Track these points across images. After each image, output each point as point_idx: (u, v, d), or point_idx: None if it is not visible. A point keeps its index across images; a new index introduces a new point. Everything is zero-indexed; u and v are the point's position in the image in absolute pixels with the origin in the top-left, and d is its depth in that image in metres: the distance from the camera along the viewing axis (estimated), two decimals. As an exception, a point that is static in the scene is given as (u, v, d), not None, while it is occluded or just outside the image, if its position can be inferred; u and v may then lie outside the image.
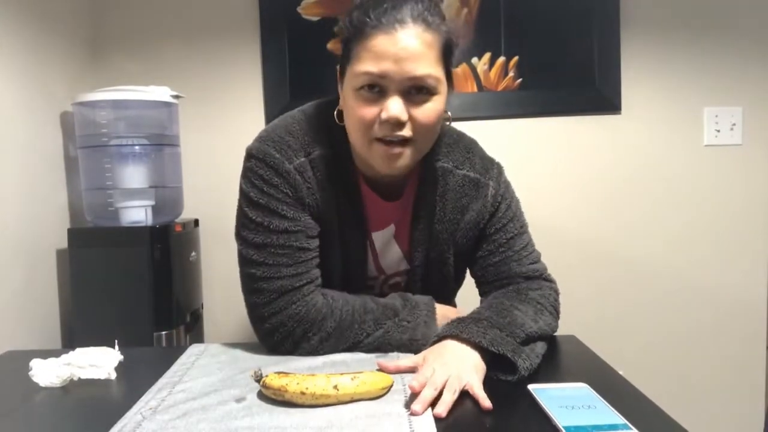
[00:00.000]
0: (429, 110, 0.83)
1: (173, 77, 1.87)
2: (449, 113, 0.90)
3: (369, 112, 0.82)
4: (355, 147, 0.89)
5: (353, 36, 0.82)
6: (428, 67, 0.80)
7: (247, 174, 0.90)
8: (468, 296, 1.11)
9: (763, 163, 1.90)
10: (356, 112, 0.83)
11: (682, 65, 1.88)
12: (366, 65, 0.80)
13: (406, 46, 0.79)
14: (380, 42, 0.79)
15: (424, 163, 0.94)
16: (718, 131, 1.89)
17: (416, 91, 0.81)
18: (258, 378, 0.72)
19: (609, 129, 1.90)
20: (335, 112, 0.90)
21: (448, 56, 0.85)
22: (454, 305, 1.10)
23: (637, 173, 1.91)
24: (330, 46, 1.89)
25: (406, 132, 0.82)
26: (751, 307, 1.92)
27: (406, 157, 0.85)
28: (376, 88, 0.81)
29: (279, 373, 0.72)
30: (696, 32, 1.87)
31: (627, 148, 1.91)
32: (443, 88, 0.84)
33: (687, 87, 1.89)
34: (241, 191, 0.91)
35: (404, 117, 0.81)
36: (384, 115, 0.80)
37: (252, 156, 0.90)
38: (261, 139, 0.91)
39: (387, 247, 0.99)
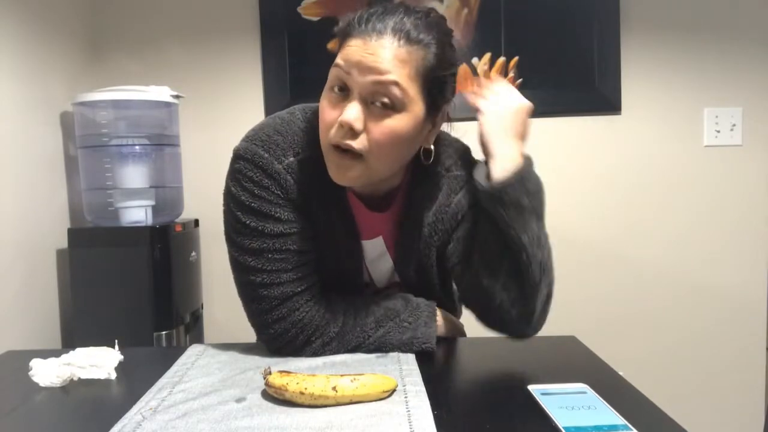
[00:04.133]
0: (387, 127, 0.78)
1: (173, 77, 1.87)
2: (432, 147, 0.87)
3: (331, 113, 0.80)
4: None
5: (340, 40, 0.82)
6: (393, 82, 0.76)
7: (236, 176, 0.87)
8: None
9: (763, 163, 1.90)
10: (322, 111, 0.82)
11: (682, 65, 1.88)
12: (338, 60, 0.80)
13: (375, 53, 0.76)
14: (354, 44, 0.78)
15: (415, 172, 0.92)
16: (718, 132, 1.89)
17: (381, 103, 0.77)
18: (265, 375, 0.72)
19: (609, 129, 1.91)
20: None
21: (429, 80, 0.80)
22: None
23: (637, 174, 1.91)
24: (330, 46, 1.88)
25: (358, 144, 0.78)
26: (751, 307, 1.92)
27: (355, 171, 0.81)
28: (345, 92, 0.79)
29: (282, 372, 0.72)
30: (696, 33, 1.87)
31: (627, 148, 1.91)
32: (415, 108, 0.79)
33: (687, 87, 1.89)
34: (231, 194, 0.88)
35: (357, 125, 0.77)
36: (340, 118, 0.78)
37: (240, 157, 0.87)
38: (248, 138, 0.88)
39: (378, 260, 0.98)
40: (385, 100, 0.77)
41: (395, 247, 0.96)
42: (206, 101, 1.92)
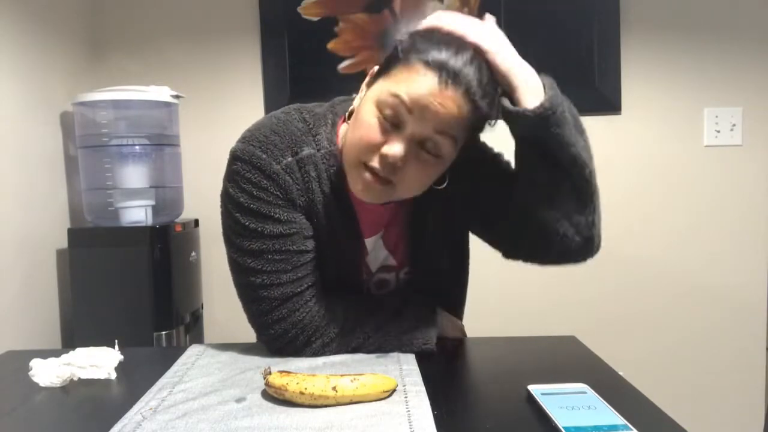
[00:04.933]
0: (426, 171, 0.81)
1: (173, 77, 1.87)
2: (447, 178, 0.87)
3: (374, 136, 0.78)
4: (344, 154, 0.85)
5: (408, 53, 0.78)
6: (450, 136, 0.78)
7: (234, 177, 0.86)
8: (469, 302, 1.11)
9: (763, 163, 1.90)
10: (363, 128, 0.79)
11: (682, 65, 1.88)
12: (401, 90, 0.77)
13: (446, 104, 0.75)
14: (428, 81, 0.75)
15: None
16: (718, 132, 1.89)
17: (429, 150, 0.78)
18: (265, 375, 0.72)
19: (609, 129, 1.91)
20: (348, 111, 0.87)
21: (474, 131, 0.83)
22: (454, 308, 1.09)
23: (637, 174, 1.91)
24: (330, 46, 1.89)
25: (394, 177, 0.79)
26: (751, 307, 1.92)
27: (382, 194, 0.82)
28: (393, 119, 0.77)
29: (282, 372, 0.73)
30: (696, 32, 1.88)
31: (627, 148, 1.91)
32: (453, 154, 0.81)
33: (687, 87, 1.89)
34: (229, 196, 0.87)
35: (401, 164, 0.78)
36: (384, 150, 0.77)
37: (237, 158, 0.86)
38: (245, 139, 0.87)
39: (375, 248, 0.98)
40: (435, 150, 0.78)
41: (406, 239, 0.96)
42: (206, 101, 1.92)
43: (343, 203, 0.89)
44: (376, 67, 0.85)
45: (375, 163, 0.79)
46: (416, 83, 0.76)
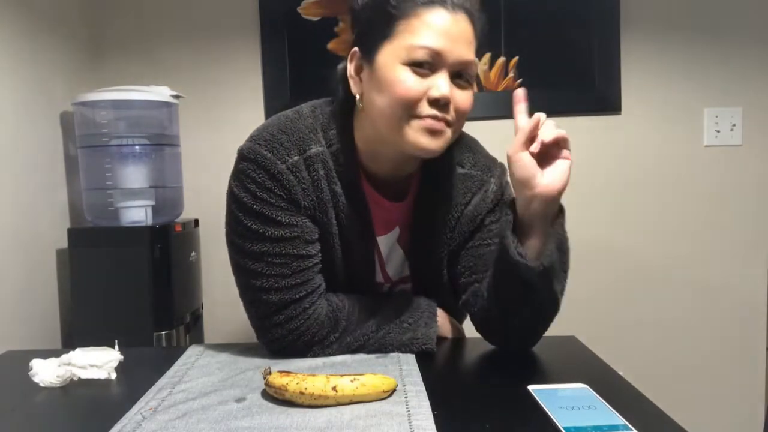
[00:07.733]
0: (469, 96, 0.84)
1: (173, 77, 1.87)
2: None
3: (416, 88, 0.80)
4: (383, 129, 0.84)
5: (398, 11, 0.81)
6: (472, 54, 0.83)
7: (240, 176, 0.86)
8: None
9: (763, 163, 1.90)
10: (400, 87, 0.80)
11: (682, 65, 1.88)
12: (424, 39, 0.79)
13: (462, 29, 0.81)
14: (439, 17, 0.79)
15: (427, 162, 0.92)
16: (718, 132, 1.89)
17: (459, 76, 0.82)
18: (265, 375, 0.72)
19: (609, 129, 1.91)
20: (357, 97, 0.87)
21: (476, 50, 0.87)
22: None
23: (637, 174, 1.91)
24: (330, 46, 1.89)
25: (450, 115, 0.82)
26: (751, 307, 1.92)
27: (445, 137, 0.83)
28: (426, 65, 0.80)
29: (282, 372, 0.73)
30: (696, 33, 1.87)
31: (627, 148, 1.91)
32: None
33: (687, 87, 1.89)
34: (233, 195, 0.87)
35: (449, 98, 0.81)
36: (436, 94, 0.79)
37: (243, 157, 0.86)
38: (252, 138, 0.88)
39: (392, 252, 0.97)
40: (467, 75, 0.83)
41: (409, 235, 0.96)
42: (206, 101, 1.92)
43: (355, 200, 0.89)
44: (356, 49, 0.88)
45: (427, 111, 0.81)
46: (431, 24, 0.79)
